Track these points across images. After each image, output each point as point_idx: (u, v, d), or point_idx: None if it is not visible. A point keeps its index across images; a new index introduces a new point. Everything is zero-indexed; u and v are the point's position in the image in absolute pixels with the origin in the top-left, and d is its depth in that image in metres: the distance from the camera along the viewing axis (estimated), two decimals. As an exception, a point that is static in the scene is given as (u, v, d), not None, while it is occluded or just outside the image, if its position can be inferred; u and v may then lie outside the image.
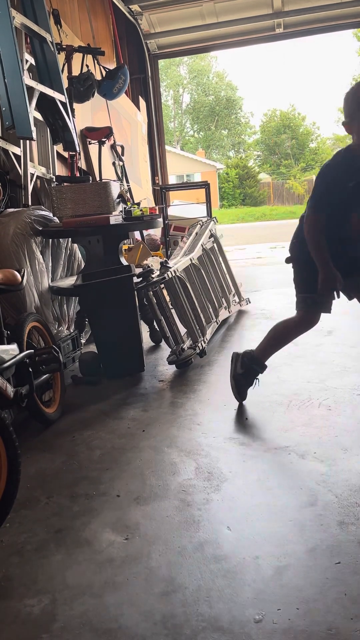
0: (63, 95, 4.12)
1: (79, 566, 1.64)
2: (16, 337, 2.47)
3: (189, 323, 3.53)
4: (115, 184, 3.73)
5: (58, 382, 2.89)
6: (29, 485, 2.12)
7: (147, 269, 3.48)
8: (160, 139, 8.67)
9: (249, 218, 23.59)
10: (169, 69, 38.25)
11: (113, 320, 3.24)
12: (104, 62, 5.41)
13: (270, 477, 2.03)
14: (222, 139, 40.77)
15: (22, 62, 3.62)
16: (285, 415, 2.56)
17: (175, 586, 1.51)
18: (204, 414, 2.67)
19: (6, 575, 1.63)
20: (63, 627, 1.41)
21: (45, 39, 3.99)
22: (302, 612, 1.38)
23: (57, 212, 3.62)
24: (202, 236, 4.40)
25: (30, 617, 1.46)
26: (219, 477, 2.06)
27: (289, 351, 3.49)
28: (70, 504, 1.98)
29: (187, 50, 8.85)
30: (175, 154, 27.53)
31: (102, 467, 2.23)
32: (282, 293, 5.37)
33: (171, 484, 2.05)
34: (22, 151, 3.76)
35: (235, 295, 4.84)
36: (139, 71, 8.10)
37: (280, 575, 1.51)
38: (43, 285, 3.39)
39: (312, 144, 38.58)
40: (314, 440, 2.29)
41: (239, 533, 1.72)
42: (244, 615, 1.38)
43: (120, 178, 6.16)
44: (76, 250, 3.99)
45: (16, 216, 3.35)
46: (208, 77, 40.61)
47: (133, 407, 2.85)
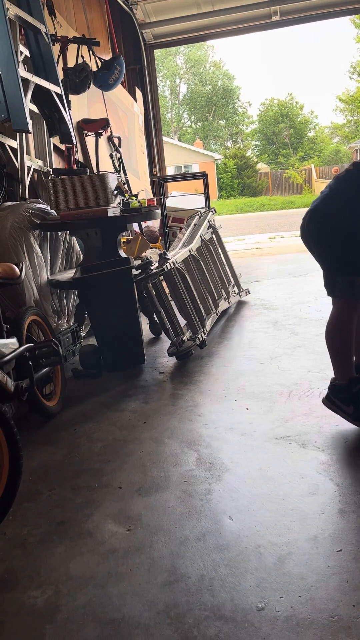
0: (58, 86, 4.09)
1: (82, 557, 1.65)
2: (16, 331, 2.47)
3: (188, 314, 3.53)
4: (112, 176, 3.71)
5: (59, 376, 2.89)
6: (31, 478, 2.13)
7: (146, 260, 3.46)
8: (158, 130, 8.62)
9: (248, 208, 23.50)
10: (165, 59, 37.96)
11: (112, 312, 3.24)
12: (99, 52, 5.36)
13: (272, 466, 2.04)
14: (220, 129, 40.53)
15: (17, 54, 3.58)
16: (286, 405, 2.56)
17: (178, 576, 1.52)
18: (205, 405, 2.67)
19: (10, 568, 1.64)
20: (67, 617, 1.42)
21: (40, 30, 3.95)
22: (304, 600, 1.39)
23: (54, 205, 3.60)
24: (200, 227, 4.38)
25: (34, 608, 1.47)
26: (220, 468, 2.07)
27: (289, 341, 3.50)
28: (73, 496, 1.99)
29: (183, 39, 8.76)
30: (172, 145, 27.37)
31: (104, 459, 2.23)
32: (282, 283, 5.36)
33: (173, 475, 2.05)
34: (19, 144, 3.74)
35: (235, 286, 4.83)
36: (135, 61, 8.03)
37: (282, 563, 1.52)
38: (42, 279, 3.38)
39: (310, 132, 38.38)
40: (315, 429, 2.29)
41: (240, 523, 1.72)
42: (246, 604, 1.39)
43: (118, 170, 6.13)
44: (74, 243, 3.98)
45: (14, 210, 3.34)
46: (205, 67, 40.30)
47: (134, 399, 2.85)
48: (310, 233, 2.33)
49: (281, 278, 5.65)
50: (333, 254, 2.26)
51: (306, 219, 2.34)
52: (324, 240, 2.28)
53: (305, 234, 2.36)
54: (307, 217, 2.33)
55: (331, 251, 2.27)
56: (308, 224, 2.33)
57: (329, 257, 2.29)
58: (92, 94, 5.56)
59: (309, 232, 2.33)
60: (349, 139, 33.59)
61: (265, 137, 38.90)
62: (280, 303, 4.56)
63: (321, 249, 2.30)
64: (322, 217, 2.28)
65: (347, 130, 35.12)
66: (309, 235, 2.34)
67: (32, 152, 4.18)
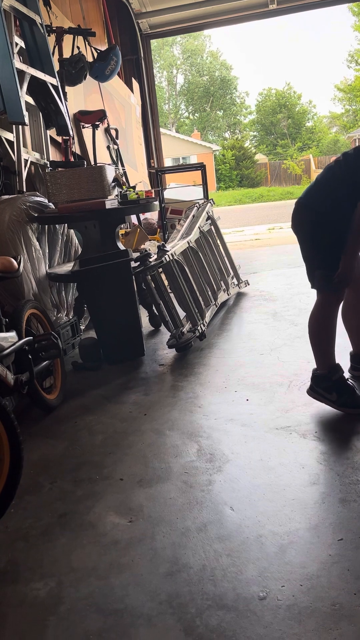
0: (54, 78, 4.06)
1: (83, 549, 1.65)
2: (15, 324, 2.47)
3: (187, 306, 3.52)
4: (110, 168, 3.69)
5: (58, 369, 2.89)
6: (33, 471, 2.14)
7: (145, 252, 3.45)
8: (155, 121, 8.56)
9: (247, 200, 23.43)
10: (162, 49, 37.70)
11: (112, 305, 3.24)
12: (95, 43, 5.31)
13: (272, 457, 2.04)
14: (218, 120, 40.31)
15: (12, 46, 3.56)
16: (286, 396, 2.56)
17: (180, 566, 1.53)
18: (205, 397, 2.67)
19: (12, 560, 1.65)
20: (69, 609, 1.43)
21: (35, 21, 3.92)
22: (306, 589, 1.39)
23: (52, 198, 3.58)
24: (199, 218, 4.36)
25: (36, 600, 1.47)
26: (221, 459, 2.07)
27: (288, 332, 3.49)
28: (74, 488, 1.99)
29: (180, 29, 8.68)
30: (170, 136, 27.24)
31: (105, 452, 2.24)
32: (281, 274, 5.35)
33: (174, 466, 2.06)
34: (15, 137, 3.72)
35: (234, 277, 4.82)
36: (131, 52, 7.97)
37: (284, 553, 1.53)
38: (40, 272, 3.37)
39: (308, 122, 38.19)
40: (315, 419, 2.30)
41: (241, 513, 1.73)
42: (248, 593, 1.40)
43: (115, 162, 6.10)
44: (73, 236, 3.97)
45: (11, 203, 3.32)
46: (202, 57, 40.03)
47: (134, 391, 2.85)
48: (294, 225, 2.38)
49: (280, 269, 5.64)
50: (314, 248, 2.31)
51: (293, 210, 2.38)
52: (305, 232, 2.32)
53: (292, 225, 2.40)
54: (294, 209, 2.37)
55: (312, 245, 2.31)
56: (293, 215, 2.37)
57: (310, 250, 2.33)
58: (88, 86, 5.52)
59: (293, 223, 2.39)
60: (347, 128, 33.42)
61: (263, 128, 38.71)
62: (279, 294, 4.55)
63: (303, 241, 2.35)
64: (304, 209, 2.32)
65: (346, 119, 34.95)
66: (293, 227, 2.39)
67: (29, 144, 4.16)
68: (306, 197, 2.33)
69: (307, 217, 2.30)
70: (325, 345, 2.35)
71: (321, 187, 2.28)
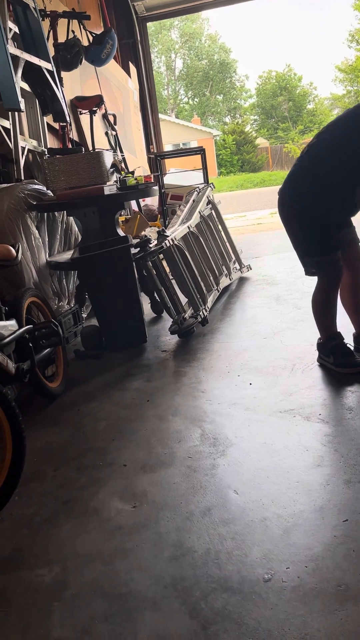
0: (50, 63, 4.00)
1: (88, 535, 1.65)
2: (14, 313, 2.45)
3: (189, 292, 3.50)
4: (108, 154, 3.65)
5: (60, 357, 2.88)
6: (36, 459, 2.14)
7: (144, 238, 3.42)
8: (153, 106, 8.47)
9: (248, 184, 23.25)
10: (159, 33, 37.20)
11: (113, 292, 3.22)
12: (90, 27, 5.24)
13: (276, 440, 2.03)
14: (218, 104, 39.90)
15: (6, 31, 3.50)
16: (290, 379, 2.55)
17: (184, 550, 1.52)
18: (208, 382, 2.66)
19: (17, 547, 1.65)
20: (75, 594, 1.43)
21: (28, 5, 3.85)
22: (311, 570, 1.39)
23: (50, 185, 3.55)
24: (199, 203, 4.32)
25: (42, 586, 1.47)
26: (224, 443, 2.06)
27: (291, 316, 3.47)
28: (78, 475, 1.99)
29: (177, 10, 8.54)
30: (170, 122, 26.99)
31: (108, 438, 2.23)
32: (284, 258, 5.31)
33: (177, 451, 2.05)
34: (11, 124, 3.68)
35: (236, 262, 4.79)
36: (128, 35, 7.85)
37: (289, 535, 1.52)
38: (40, 261, 3.35)
39: (309, 105, 37.74)
40: (319, 402, 2.28)
41: (246, 496, 1.72)
42: (253, 575, 1.39)
43: (114, 148, 6.04)
44: (72, 224, 3.94)
45: (9, 191, 3.29)
46: (200, 41, 39.49)
47: (137, 378, 2.84)
48: (280, 217, 2.50)
49: (283, 253, 5.59)
50: (300, 237, 2.44)
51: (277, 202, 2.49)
52: (290, 224, 2.45)
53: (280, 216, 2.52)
54: (277, 200, 2.48)
55: (294, 233, 2.45)
56: (278, 207, 2.49)
57: (297, 240, 2.47)
58: (84, 71, 5.45)
59: (280, 215, 2.51)
60: (349, 110, 32.95)
61: (263, 111, 38.29)
62: (282, 278, 4.52)
63: (290, 232, 2.48)
64: (283, 200, 2.45)
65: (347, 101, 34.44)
66: (281, 218, 2.51)
67: (26, 132, 4.11)
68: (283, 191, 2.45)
69: (287, 211, 2.45)
70: (326, 320, 2.55)
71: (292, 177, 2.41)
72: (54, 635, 1.31)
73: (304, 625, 1.23)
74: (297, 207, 2.40)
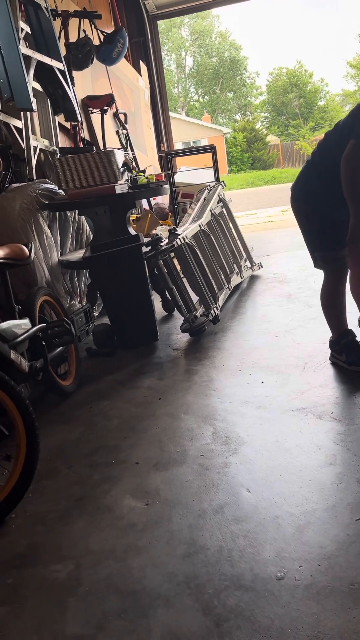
0: (61, 63, 4.02)
1: (101, 532, 1.66)
2: (28, 311, 2.48)
3: (200, 290, 3.50)
4: (119, 153, 3.66)
5: (73, 355, 2.90)
6: (49, 457, 2.15)
7: (156, 237, 3.43)
8: (164, 104, 8.46)
9: (259, 182, 23.16)
10: (170, 31, 37.14)
11: (124, 291, 3.23)
12: (101, 26, 5.25)
13: (288, 438, 2.03)
14: (228, 102, 39.78)
15: (18, 31, 3.52)
16: (301, 377, 2.54)
17: (197, 548, 1.53)
18: (219, 380, 2.67)
19: (31, 543, 1.67)
20: (89, 590, 1.44)
21: (40, 5, 3.87)
22: (324, 568, 1.39)
23: (62, 185, 3.57)
24: (210, 201, 4.32)
25: (56, 582, 1.49)
26: (236, 441, 2.06)
27: (303, 313, 3.46)
28: (91, 472, 2.00)
29: (187, 8, 8.53)
30: (180, 120, 26.96)
31: (120, 436, 2.25)
32: (295, 256, 5.29)
33: (189, 449, 2.06)
34: (23, 124, 3.70)
35: (247, 260, 4.78)
36: (138, 34, 7.86)
37: (301, 533, 1.52)
38: (53, 260, 3.37)
39: (320, 101, 37.49)
40: (331, 400, 2.28)
41: (258, 494, 1.72)
42: (266, 573, 1.40)
43: (125, 146, 6.05)
44: (84, 223, 3.96)
45: (21, 191, 3.32)
46: (211, 38, 39.37)
47: (148, 376, 2.85)
48: (292, 210, 2.57)
49: (294, 251, 5.57)
50: (306, 231, 2.51)
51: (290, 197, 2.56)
52: (298, 217, 2.53)
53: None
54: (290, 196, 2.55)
55: (304, 229, 2.52)
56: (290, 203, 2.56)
57: (306, 234, 2.53)
58: (95, 70, 5.47)
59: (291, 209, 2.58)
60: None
61: (274, 108, 38.10)
62: (293, 276, 4.51)
63: (301, 227, 2.54)
64: (294, 195, 2.52)
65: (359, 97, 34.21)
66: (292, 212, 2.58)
67: (38, 131, 4.13)
68: (294, 187, 2.52)
69: (297, 206, 2.51)
70: (335, 316, 2.57)
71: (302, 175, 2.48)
72: (69, 631, 1.32)
73: (317, 624, 1.23)
74: (306, 202, 2.46)
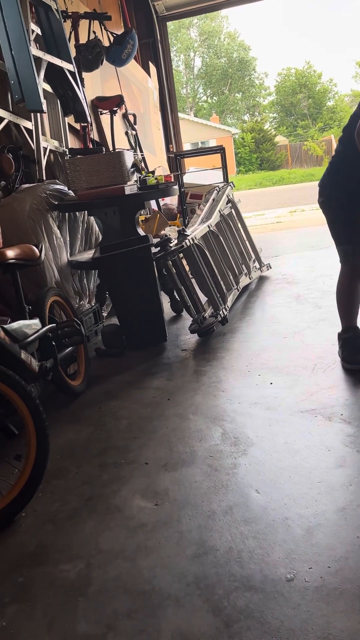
0: (71, 64, 4.04)
1: (111, 532, 1.67)
2: (38, 312, 2.49)
3: (209, 291, 3.50)
4: (128, 153, 3.67)
5: (82, 355, 2.91)
6: (59, 456, 2.16)
7: (165, 238, 3.44)
8: (173, 105, 8.48)
9: (267, 183, 23.12)
10: (178, 32, 37.18)
11: (133, 291, 3.24)
12: (111, 27, 5.26)
13: (298, 440, 2.02)
14: (237, 102, 39.74)
15: (28, 33, 3.54)
16: (311, 379, 2.54)
17: (207, 548, 1.53)
18: (228, 381, 2.67)
19: (41, 543, 1.68)
20: (98, 589, 1.45)
21: (50, 6, 3.89)
22: (334, 570, 1.38)
23: (71, 185, 3.58)
24: (219, 202, 4.32)
25: (66, 581, 1.50)
26: (245, 442, 2.06)
27: (312, 315, 3.45)
28: (100, 472, 2.01)
29: (196, 9, 8.53)
30: (188, 121, 26.95)
31: (130, 436, 2.25)
32: (304, 257, 5.28)
33: (198, 450, 2.06)
34: (34, 125, 3.72)
35: (256, 261, 4.78)
36: (148, 35, 7.87)
37: (311, 535, 1.52)
38: (62, 260, 3.39)
39: (329, 102, 37.37)
40: (341, 402, 2.27)
41: (267, 496, 1.72)
42: (275, 575, 1.40)
43: (134, 147, 6.07)
44: (93, 224, 3.97)
45: (31, 192, 3.34)
46: (219, 39, 39.35)
47: (157, 376, 2.86)
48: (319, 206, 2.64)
49: (303, 252, 5.56)
50: (333, 226, 2.58)
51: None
52: (326, 213, 2.60)
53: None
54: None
55: (332, 223, 2.59)
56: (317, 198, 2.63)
57: (331, 228, 2.60)
58: (105, 71, 5.48)
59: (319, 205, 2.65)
60: (370, 106, 32.55)
61: (283, 109, 38.03)
62: (302, 277, 4.49)
63: (327, 220, 2.61)
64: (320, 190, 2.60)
65: (368, 98, 34.06)
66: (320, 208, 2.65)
67: (48, 132, 4.15)
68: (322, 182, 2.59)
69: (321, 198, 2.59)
70: (344, 308, 2.66)
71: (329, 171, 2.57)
72: (79, 630, 1.33)
73: (327, 625, 1.23)
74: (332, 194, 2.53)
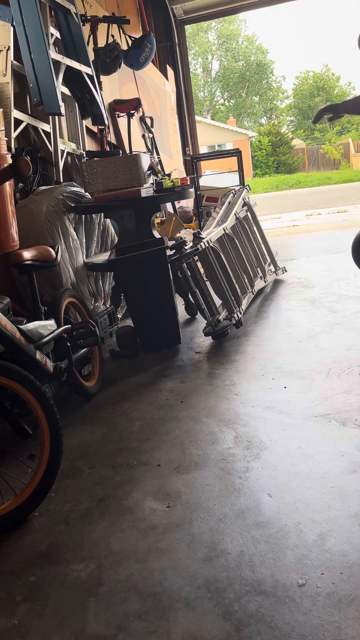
0: (90, 67, 4.07)
1: (122, 533, 1.68)
2: (53, 313, 2.51)
3: (223, 294, 3.50)
4: (145, 156, 3.69)
5: (96, 357, 2.93)
6: (72, 457, 2.18)
7: (180, 240, 3.44)
8: (190, 108, 8.49)
9: (284, 186, 23.03)
10: (197, 35, 37.24)
11: (148, 294, 3.25)
12: (129, 31, 5.30)
13: (311, 444, 2.01)
14: (254, 105, 39.66)
15: (48, 37, 3.58)
16: (325, 383, 2.52)
17: (218, 552, 1.53)
18: (242, 384, 2.66)
19: (53, 542, 1.69)
20: (109, 590, 1.45)
21: (70, 10, 3.93)
22: (346, 577, 1.37)
23: (88, 188, 3.61)
24: (235, 205, 4.32)
25: (77, 581, 1.50)
26: (258, 446, 2.06)
27: (327, 319, 3.43)
28: (113, 473, 2.02)
29: (215, 13, 8.52)
30: (205, 124, 26.97)
31: (142, 438, 2.26)
32: (320, 261, 5.25)
33: (211, 453, 2.06)
34: (52, 128, 3.75)
35: (271, 264, 4.76)
36: (166, 39, 7.90)
37: (323, 540, 1.51)
38: (78, 262, 3.41)
39: (347, 105, 37.06)
40: (355, 407, 2.25)
41: (280, 500, 1.71)
42: (287, 580, 1.39)
43: (151, 150, 6.09)
44: (109, 226, 3.99)
45: (49, 194, 3.37)
46: (237, 42, 39.33)
47: (171, 378, 2.86)
48: None
49: (319, 255, 5.53)
50: None
51: None
52: None
53: None
54: None
55: None
56: None
57: None
58: (123, 74, 5.52)
59: None
60: (388, 109, 32.25)
61: (300, 112, 37.85)
62: (318, 281, 4.47)
63: None
64: None
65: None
66: None
67: (65, 135, 4.19)
68: None
69: None
70: None
71: None
72: (90, 630, 1.34)
73: (338, 632, 1.22)
74: None
